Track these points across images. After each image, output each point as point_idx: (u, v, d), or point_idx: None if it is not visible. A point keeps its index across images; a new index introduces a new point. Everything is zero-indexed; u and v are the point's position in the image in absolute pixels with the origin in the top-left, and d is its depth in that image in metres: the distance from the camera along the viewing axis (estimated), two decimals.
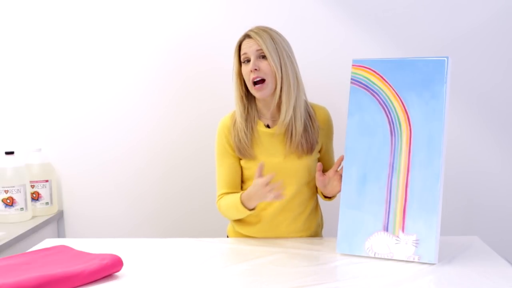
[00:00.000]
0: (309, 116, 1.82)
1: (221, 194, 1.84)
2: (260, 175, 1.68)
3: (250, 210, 1.76)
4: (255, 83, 1.74)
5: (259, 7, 2.26)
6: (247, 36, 1.77)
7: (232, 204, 1.78)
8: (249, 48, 1.75)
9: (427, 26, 2.23)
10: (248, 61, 1.75)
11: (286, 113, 1.76)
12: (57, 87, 2.36)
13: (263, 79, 1.73)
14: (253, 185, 1.69)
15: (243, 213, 1.78)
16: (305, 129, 1.79)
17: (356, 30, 2.25)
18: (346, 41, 2.26)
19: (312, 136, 1.79)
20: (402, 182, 1.58)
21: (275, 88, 1.76)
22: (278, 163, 1.78)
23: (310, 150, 1.79)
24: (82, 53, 2.34)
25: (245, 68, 1.76)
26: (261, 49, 1.73)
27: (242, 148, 1.79)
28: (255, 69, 1.73)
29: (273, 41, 1.74)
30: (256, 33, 1.75)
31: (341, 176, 1.69)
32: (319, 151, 1.85)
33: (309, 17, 2.26)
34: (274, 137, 1.80)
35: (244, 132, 1.79)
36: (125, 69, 2.34)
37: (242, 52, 1.77)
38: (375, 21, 2.25)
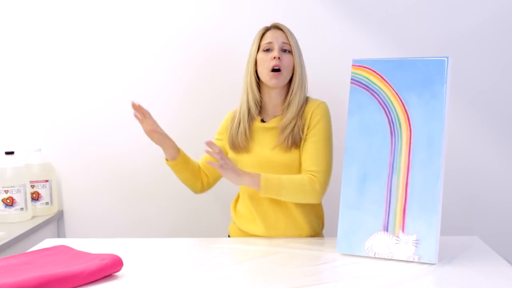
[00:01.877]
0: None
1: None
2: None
3: (169, 160, 1.88)
4: (273, 70, 1.77)
5: (259, 6, 2.26)
6: (275, 26, 1.82)
7: None
8: (276, 38, 1.80)
9: (427, 26, 2.23)
10: (269, 50, 1.80)
11: (296, 109, 1.81)
12: (57, 87, 2.36)
13: (280, 71, 1.78)
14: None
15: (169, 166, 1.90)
16: (294, 124, 1.81)
17: (356, 30, 2.26)
18: (346, 41, 2.26)
19: (296, 132, 1.80)
20: (402, 182, 1.58)
21: (290, 83, 1.83)
22: (268, 156, 1.82)
23: (295, 143, 1.80)
24: (82, 53, 2.34)
25: (265, 56, 1.80)
26: (287, 43, 1.80)
27: (237, 141, 1.84)
28: (278, 57, 1.77)
29: (295, 39, 1.83)
30: (284, 26, 1.82)
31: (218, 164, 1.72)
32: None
33: (308, 16, 2.26)
34: (266, 130, 1.84)
35: (245, 123, 1.83)
36: (125, 69, 2.34)
37: (265, 41, 1.80)
38: (375, 21, 2.25)
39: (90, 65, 2.35)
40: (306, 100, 1.87)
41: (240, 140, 1.83)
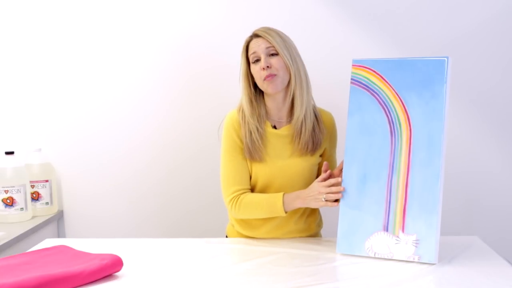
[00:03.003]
0: (316, 117, 1.82)
1: (238, 191, 1.78)
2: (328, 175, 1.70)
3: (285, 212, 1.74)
4: (265, 79, 1.73)
5: (260, 7, 2.26)
6: (255, 35, 1.78)
7: (265, 201, 1.75)
8: (258, 47, 1.75)
9: (427, 26, 2.23)
10: (258, 60, 1.75)
11: (300, 109, 1.76)
12: (57, 87, 2.36)
13: (275, 75, 1.73)
14: (311, 185, 1.71)
15: (274, 213, 1.75)
16: (313, 128, 1.79)
17: (356, 30, 2.26)
18: (346, 41, 2.26)
19: (318, 136, 1.79)
20: (402, 182, 1.58)
21: (288, 85, 1.77)
22: (284, 165, 1.78)
23: (313, 150, 1.79)
24: (82, 53, 2.34)
25: (255, 67, 1.76)
26: (271, 46, 1.74)
27: (253, 150, 1.76)
28: (267, 67, 1.72)
29: (281, 38, 1.76)
30: (264, 31, 1.76)
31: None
32: (321, 155, 1.85)
33: (309, 17, 2.26)
34: (280, 138, 1.80)
35: (257, 132, 1.76)
36: (125, 69, 2.34)
37: (250, 52, 1.77)
38: (375, 21, 2.25)
39: (89, 66, 2.35)
40: (315, 106, 1.85)
41: (254, 150, 1.76)
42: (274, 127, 1.82)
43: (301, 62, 1.79)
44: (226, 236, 1.97)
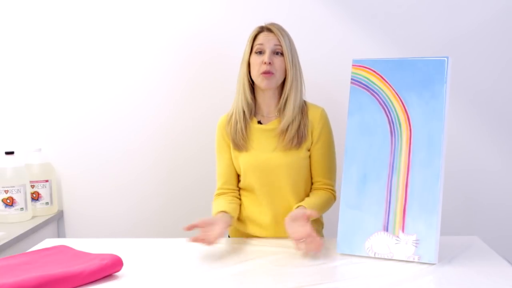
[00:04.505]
0: (301, 112, 1.83)
1: (219, 189, 1.91)
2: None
3: None
4: (263, 72, 1.76)
5: (259, 6, 2.26)
6: (267, 29, 1.80)
7: (215, 209, 1.83)
8: (268, 42, 1.77)
9: (427, 26, 2.23)
10: (261, 52, 1.78)
11: (292, 112, 1.79)
12: (57, 87, 2.37)
13: (272, 73, 1.76)
14: (219, 223, 1.71)
15: None
16: (299, 125, 1.80)
17: (356, 30, 2.26)
18: (346, 41, 2.26)
19: (302, 130, 1.80)
20: (402, 182, 1.58)
21: (283, 86, 1.81)
22: (268, 158, 1.80)
23: (298, 143, 1.80)
24: (82, 52, 2.34)
25: (257, 58, 1.78)
26: (279, 45, 1.77)
27: (237, 139, 1.82)
28: (269, 63, 1.75)
29: (289, 41, 1.80)
30: (277, 29, 1.79)
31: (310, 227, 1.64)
32: (309, 150, 1.84)
33: (308, 16, 2.26)
34: (265, 132, 1.83)
35: (241, 123, 1.82)
36: (125, 69, 2.34)
37: (257, 42, 1.79)
38: (375, 21, 2.25)
39: (89, 66, 2.35)
40: (305, 103, 1.86)
41: (238, 140, 1.82)
42: (259, 122, 1.85)
43: (299, 66, 1.82)
44: (229, 236, 1.98)
